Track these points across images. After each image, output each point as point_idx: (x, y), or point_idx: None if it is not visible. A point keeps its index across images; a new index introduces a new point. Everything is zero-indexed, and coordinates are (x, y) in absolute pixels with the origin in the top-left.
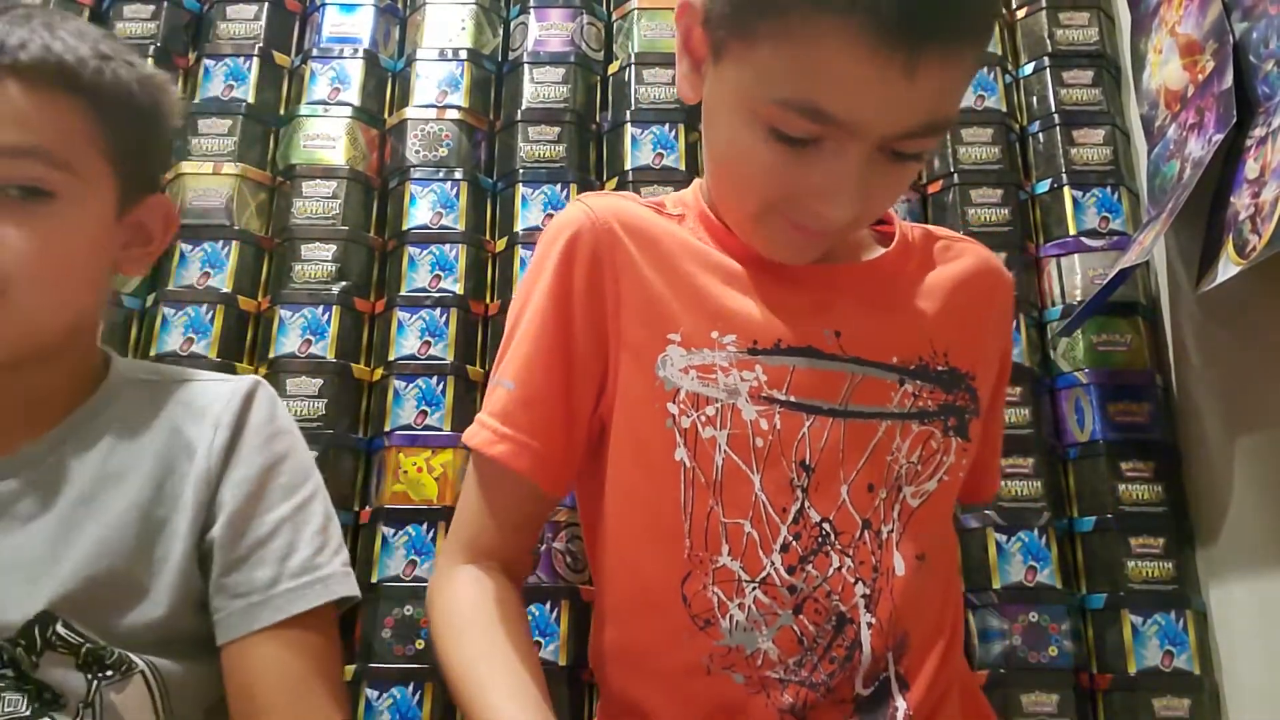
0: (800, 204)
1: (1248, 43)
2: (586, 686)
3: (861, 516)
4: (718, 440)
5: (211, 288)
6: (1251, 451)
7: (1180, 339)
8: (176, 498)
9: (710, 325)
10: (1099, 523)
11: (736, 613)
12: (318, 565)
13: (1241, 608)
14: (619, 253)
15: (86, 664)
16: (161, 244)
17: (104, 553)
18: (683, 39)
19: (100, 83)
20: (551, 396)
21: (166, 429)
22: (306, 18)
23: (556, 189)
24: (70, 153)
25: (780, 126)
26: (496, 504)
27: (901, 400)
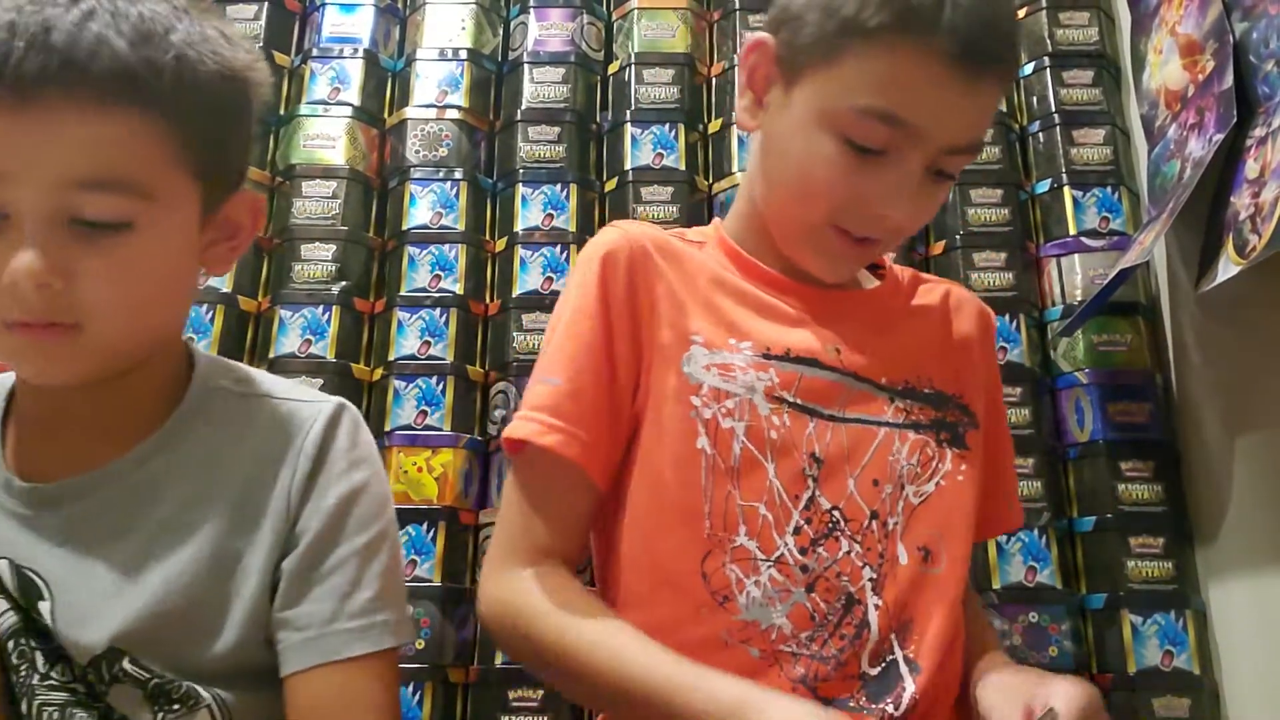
0: (862, 210)
1: (1248, 43)
2: None
3: (869, 507)
4: (736, 430)
5: (212, 288)
6: (1251, 451)
7: (1180, 339)
8: (255, 530)
9: (727, 334)
10: (1099, 523)
11: (753, 589)
12: (377, 609)
13: (1241, 607)
14: (651, 267)
15: (153, 697)
16: (249, 238)
17: (178, 590)
18: (748, 75)
19: (178, 92)
20: (597, 391)
21: (251, 455)
22: (306, 17)
23: (556, 189)
24: (149, 178)
25: (855, 134)
26: (549, 499)
27: (894, 414)
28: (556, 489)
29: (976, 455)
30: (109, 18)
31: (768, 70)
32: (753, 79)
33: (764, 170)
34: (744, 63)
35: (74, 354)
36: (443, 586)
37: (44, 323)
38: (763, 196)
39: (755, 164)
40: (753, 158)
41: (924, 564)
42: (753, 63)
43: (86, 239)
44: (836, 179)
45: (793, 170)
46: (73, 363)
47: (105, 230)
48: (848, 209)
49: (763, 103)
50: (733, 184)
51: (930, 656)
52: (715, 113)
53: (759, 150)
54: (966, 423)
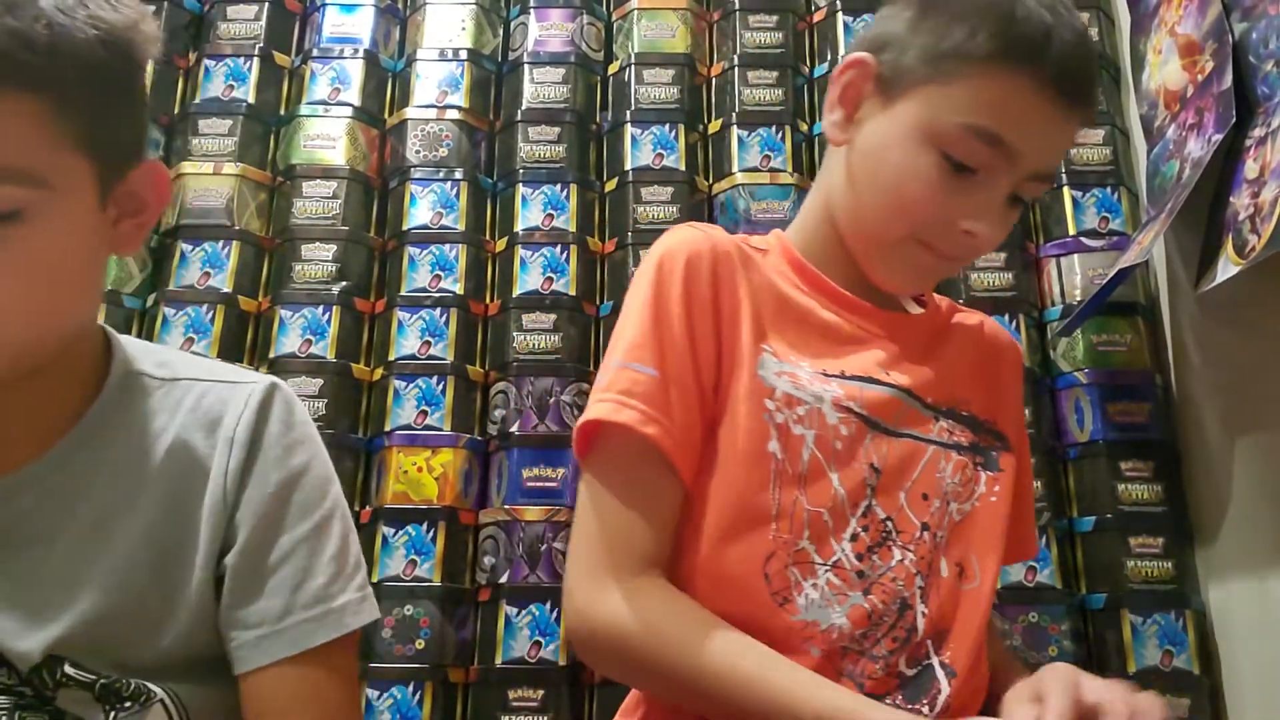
0: (948, 226)
1: (1247, 43)
2: (586, 686)
3: (919, 519)
4: (806, 438)
5: (212, 288)
6: (1251, 451)
7: (1180, 339)
8: (190, 522)
9: (790, 349)
10: (1099, 523)
11: (811, 591)
12: (331, 595)
13: (1241, 607)
14: (732, 270)
15: (103, 697)
16: (156, 212)
17: (116, 587)
18: (842, 90)
19: (56, 64)
20: (686, 388)
21: (178, 443)
22: (307, 18)
23: (556, 189)
24: (34, 162)
25: (956, 150)
26: (649, 499)
27: (939, 433)
28: (654, 487)
29: (1008, 478)
30: None
31: (864, 88)
32: (846, 95)
33: (851, 183)
34: (838, 79)
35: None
36: (443, 586)
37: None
38: (846, 208)
39: (838, 177)
40: (834, 171)
41: (959, 579)
42: (849, 79)
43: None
44: (930, 194)
45: (886, 183)
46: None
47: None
48: (935, 224)
49: (854, 119)
50: (732, 184)
51: (964, 663)
52: (715, 113)
53: (845, 164)
54: (999, 446)
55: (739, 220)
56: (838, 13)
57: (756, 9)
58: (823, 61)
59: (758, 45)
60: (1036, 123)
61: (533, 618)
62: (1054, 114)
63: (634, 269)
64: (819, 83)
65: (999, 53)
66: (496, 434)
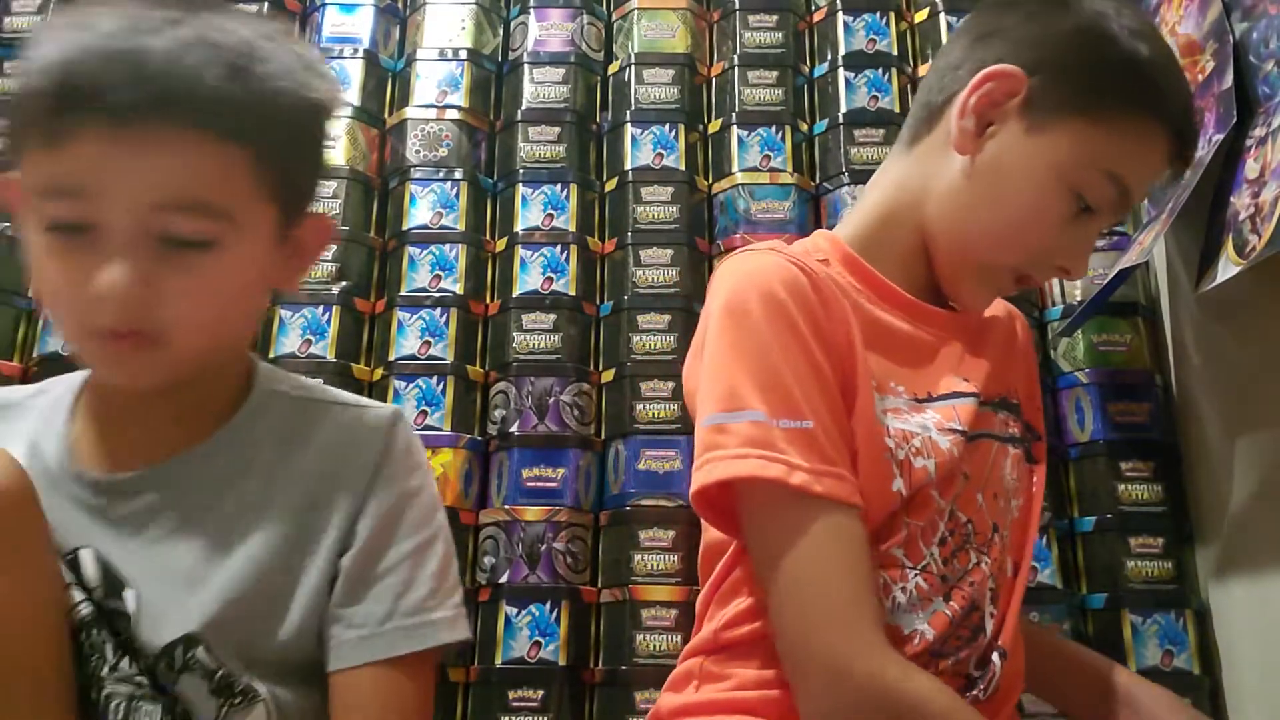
0: (1048, 260)
1: (1248, 43)
2: (586, 686)
3: (992, 520)
4: (928, 468)
5: None
6: (1251, 451)
7: (1180, 339)
8: (321, 525)
9: (887, 377)
10: (1099, 522)
11: (899, 595)
12: (429, 608)
13: (1241, 607)
14: (835, 297)
15: (218, 690)
16: (314, 258)
17: (251, 575)
18: (981, 100)
19: (265, 125)
20: (840, 433)
21: (315, 455)
22: (306, 17)
23: (556, 189)
24: (233, 201)
25: (1090, 193)
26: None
27: (999, 425)
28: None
29: (1043, 469)
30: (203, 49)
31: (1006, 103)
32: (984, 104)
33: (964, 196)
34: (979, 86)
35: (154, 364)
36: None
37: (127, 331)
38: (950, 219)
39: (942, 184)
40: (935, 176)
41: (1013, 576)
42: (992, 89)
43: (171, 255)
44: (1053, 233)
45: (1011, 211)
46: (153, 371)
47: (189, 248)
48: (1038, 260)
49: (986, 132)
50: (732, 184)
51: (1012, 645)
52: (715, 113)
53: (958, 173)
54: (1032, 438)
55: (739, 220)
56: (838, 13)
57: (756, 9)
58: (822, 61)
59: (758, 45)
60: (1154, 177)
61: (533, 618)
62: (1165, 172)
63: (634, 268)
64: (819, 83)
65: (1155, 109)
66: (496, 434)
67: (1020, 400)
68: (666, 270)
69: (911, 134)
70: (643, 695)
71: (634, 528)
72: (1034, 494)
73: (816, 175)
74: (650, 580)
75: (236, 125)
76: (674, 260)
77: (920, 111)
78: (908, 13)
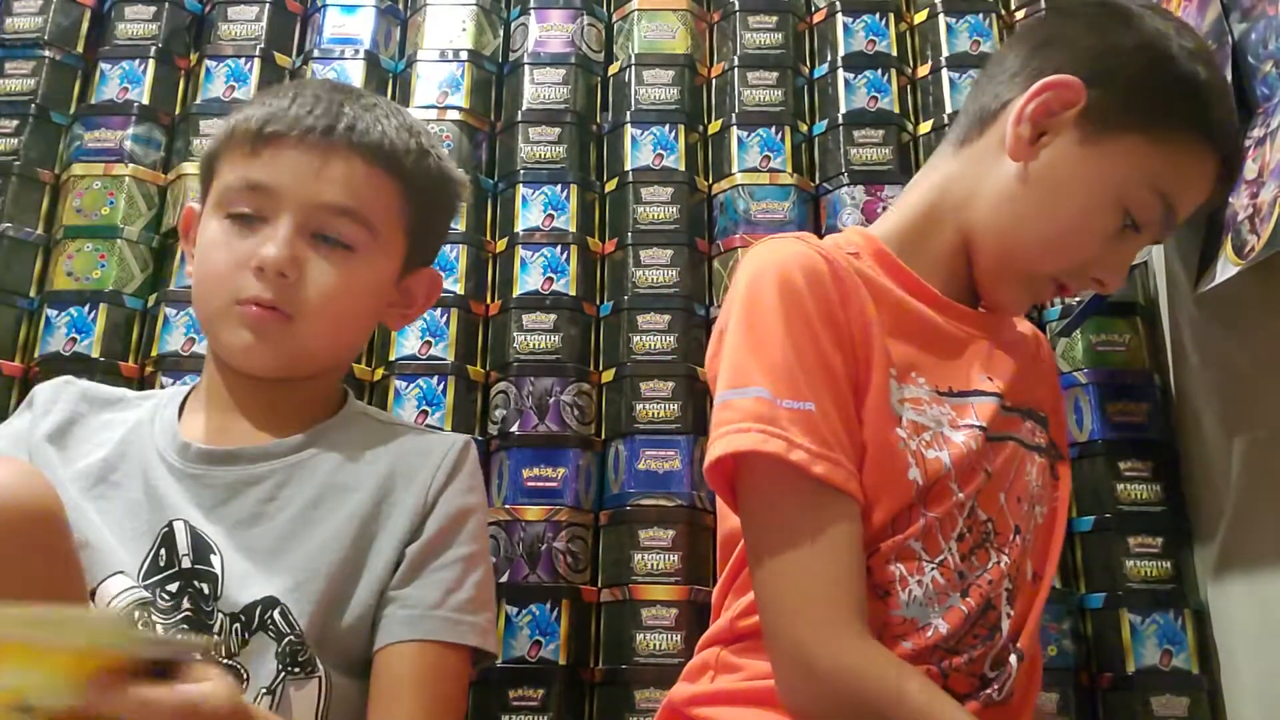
0: (1087, 272)
1: (1246, 43)
2: (587, 686)
3: (1014, 522)
4: (943, 460)
5: None
6: (1250, 451)
7: (1179, 339)
8: (391, 517)
9: (909, 367)
10: (1098, 522)
11: (915, 588)
12: (472, 611)
13: (1241, 607)
14: (856, 286)
15: (283, 654)
16: (421, 310)
17: (325, 552)
18: (1039, 108)
19: (416, 171)
20: (845, 420)
21: (392, 459)
22: (307, 19)
23: (557, 189)
24: (379, 220)
25: (1139, 209)
26: (848, 545)
27: (1025, 433)
28: (848, 530)
29: (1066, 484)
30: (387, 116)
31: (1063, 113)
32: (1041, 112)
33: (1014, 203)
34: (1038, 95)
35: (281, 339)
36: None
37: (269, 304)
38: (996, 224)
39: (991, 188)
40: (984, 180)
41: (1033, 581)
42: (1050, 99)
43: (319, 251)
44: (1095, 243)
45: (1059, 221)
46: (278, 348)
47: (335, 247)
48: (1079, 270)
49: (1041, 140)
50: (732, 184)
51: (1030, 647)
52: (715, 114)
53: (1009, 179)
54: (1055, 453)
55: (739, 220)
56: (838, 13)
57: (756, 9)
58: (822, 62)
59: (758, 46)
60: (1199, 200)
61: (533, 617)
62: (1210, 195)
63: (634, 269)
64: (819, 83)
65: (1207, 132)
66: (497, 434)
67: (1047, 414)
68: (666, 270)
69: (961, 137)
70: (643, 694)
71: (634, 527)
72: (1056, 506)
73: (816, 176)
74: (650, 580)
75: (395, 164)
76: (674, 260)
77: (972, 115)
78: (907, 14)
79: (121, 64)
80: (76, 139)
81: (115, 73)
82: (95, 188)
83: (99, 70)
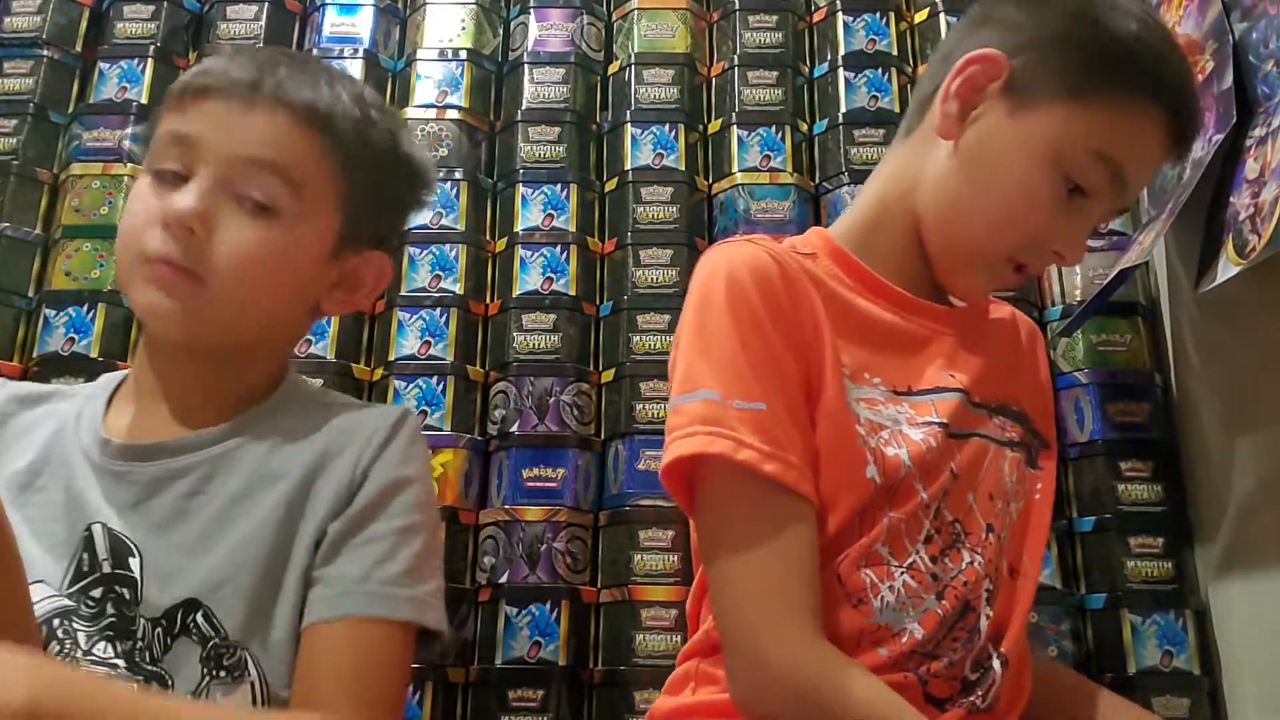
0: (1043, 247)
1: (1247, 43)
2: (587, 686)
3: (985, 521)
4: (901, 458)
5: None
6: (1251, 451)
7: (1180, 339)
8: (315, 502)
9: (862, 367)
10: (1098, 522)
11: (887, 594)
12: (404, 584)
13: (1241, 607)
14: (805, 287)
15: (208, 659)
16: (368, 297)
17: (248, 546)
18: (964, 84)
19: (355, 138)
20: (799, 414)
21: (325, 439)
22: (306, 18)
23: (556, 189)
24: (304, 181)
25: (1079, 175)
26: (799, 546)
27: (995, 430)
28: (799, 530)
29: (1048, 476)
30: (334, 80)
31: (988, 86)
32: (966, 88)
33: (952, 183)
34: (962, 71)
35: (189, 301)
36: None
37: (176, 264)
38: (939, 208)
39: (931, 173)
40: (923, 165)
41: (1011, 578)
42: (974, 74)
43: (235, 212)
44: (1043, 217)
45: (1000, 195)
46: (186, 309)
47: (256, 209)
48: (1032, 246)
49: (970, 117)
50: (732, 184)
51: (1015, 651)
52: (715, 113)
53: (944, 161)
54: (1037, 444)
55: (739, 220)
56: (838, 13)
57: (756, 9)
58: (822, 61)
59: (758, 45)
60: (1153, 161)
61: (532, 618)
62: (1166, 155)
63: (634, 268)
64: (819, 83)
65: (1146, 89)
66: (496, 434)
67: (1023, 408)
68: (666, 270)
69: (906, 127)
70: (642, 695)
71: (634, 528)
72: (1037, 501)
73: (816, 175)
74: (650, 580)
75: (328, 125)
76: (674, 260)
77: (914, 104)
78: (907, 13)
79: (120, 63)
80: (75, 138)
81: (114, 72)
82: (94, 187)
83: (98, 70)
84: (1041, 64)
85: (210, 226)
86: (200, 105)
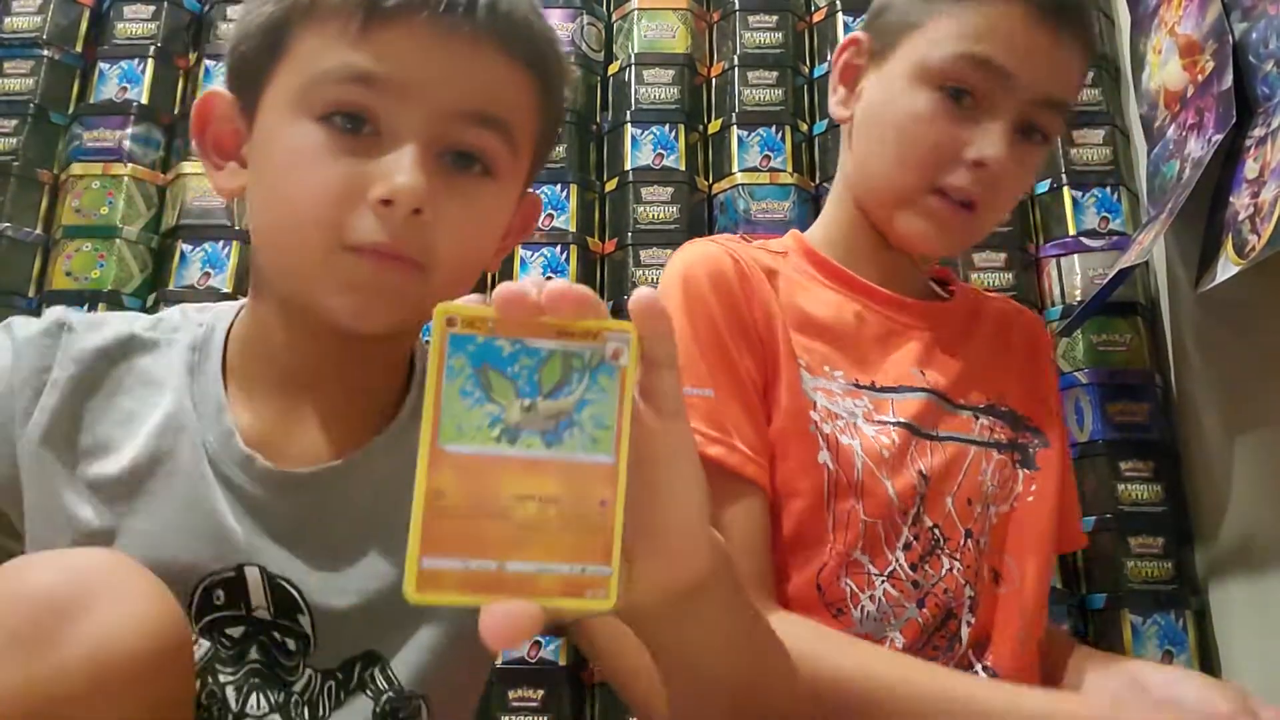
0: (957, 161)
1: (1247, 43)
2: (586, 686)
3: (964, 526)
4: (854, 448)
5: (212, 288)
6: (1251, 451)
7: (1179, 339)
8: None
9: (822, 361)
10: (1099, 522)
11: (868, 604)
12: None
13: (1241, 607)
14: (760, 282)
15: (382, 714)
16: (518, 239)
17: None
18: (841, 70)
19: (557, 74)
20: (749, 401)
21: None
22: None
23: (557, 189)
24: (519, 128)
25: (950, 78)
26: (747, 523)
27: (980, 431)
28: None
29: (1047, 476)
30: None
31: (860, 62)
32: (845, 73)
33: (859, 150)
34: (837, 60)
35: (403, 297)
36: None
37: (397, 254)
38: (860, 178)
39: (851, 152)
40: (848, 153)
41: (993, 584)
42: (847, 58)
43: (454, 179)
44: (931, 128)
45: (891, 132)
46: (399, 307)
47: (470, 174)
48: (944, 162)
49: (855, 92)
50: (732, 184)
51: (1007, 665)
52: (715, 113)
53: (851, 136)
54: (1037, 444)
55: (739, 220)
56: (838, 13)
57: (756, 9)
58: (822, 61)
59: (758, 45)
60: (1022, 43)
61: None
62: (1039, 33)
63: (634, 268)
64: (819, 83)
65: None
66: None
67: (1014, 406)
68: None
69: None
70: None
71: None
72: (1030, 504)
73: (816, 175)
74: None
75: (538, 57)
76: None
77: None
78: None
79: (120, 63)
80: (75, 139)
81: (114, 72)
82: (94, 187)
83: (98, 70)
84: (884, 16)
85: (436, 207)
86: (399, 35)
